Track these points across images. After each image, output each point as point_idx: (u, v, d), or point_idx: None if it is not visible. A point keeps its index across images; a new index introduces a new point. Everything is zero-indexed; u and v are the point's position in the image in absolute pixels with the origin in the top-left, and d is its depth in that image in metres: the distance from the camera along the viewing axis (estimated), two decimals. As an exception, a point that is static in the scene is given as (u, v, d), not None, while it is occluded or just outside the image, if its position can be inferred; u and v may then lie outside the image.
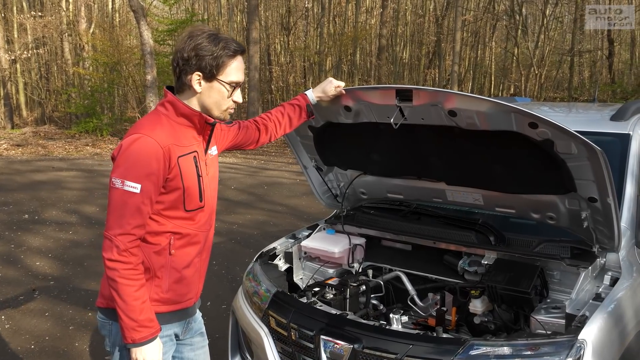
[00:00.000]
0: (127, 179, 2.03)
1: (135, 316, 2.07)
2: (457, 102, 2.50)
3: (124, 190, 2.04)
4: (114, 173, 2.07)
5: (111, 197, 2.07)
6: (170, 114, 2.18)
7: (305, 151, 3.38)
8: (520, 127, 2.45)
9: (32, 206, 9.42)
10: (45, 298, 5.60)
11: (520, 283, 2.65)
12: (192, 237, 2.27)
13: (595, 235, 2.73)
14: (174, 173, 2.13)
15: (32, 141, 18.23)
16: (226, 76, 2.17)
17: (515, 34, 22.03)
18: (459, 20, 20.46)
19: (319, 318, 2.67)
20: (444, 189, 3.12)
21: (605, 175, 2.37)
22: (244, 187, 10.83)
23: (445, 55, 25.56)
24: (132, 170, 2.04)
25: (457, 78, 21.47)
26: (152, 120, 2.16)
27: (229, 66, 2.17)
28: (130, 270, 2.06)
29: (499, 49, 28.16)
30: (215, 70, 2.14)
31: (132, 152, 2.06)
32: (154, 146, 2.06)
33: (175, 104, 2.17)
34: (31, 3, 26.67)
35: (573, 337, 2.26)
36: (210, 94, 2.19)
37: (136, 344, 2.10)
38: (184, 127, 2.20)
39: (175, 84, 2.22)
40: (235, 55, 2.18)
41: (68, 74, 24.33)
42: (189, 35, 2.16)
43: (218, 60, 2.13)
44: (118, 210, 2.05)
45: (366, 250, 3.43)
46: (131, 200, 2.04)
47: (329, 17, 28.07)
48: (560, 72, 26.76)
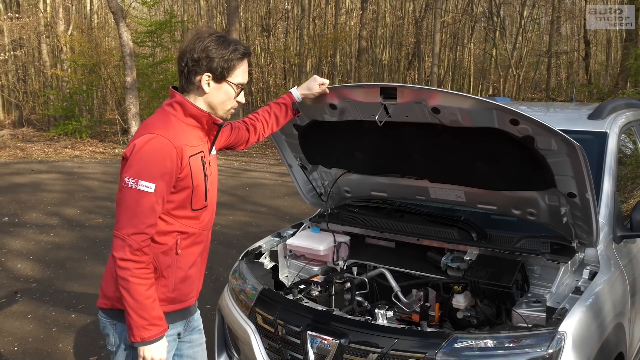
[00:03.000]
0: (142, 179, 2.05)
1: (146, 315, 2.09)
2: (441, 100, 2.54)
3: (138, 189, 2.05)
4: (127, 172, 2.08)
5: (123, 196, 2.08)
6: (179, 115, 2.22)
7: (290, 150, 3.41)
8: (502, 123, 2.50)
9: (11, 209, 9.31)
10: (27, 300, 5.56)
11: (501, 278, 2.71)
12: (197, 236, 2.30)
13: (574, 230, 2.79)
14: (185, 172, 2.16)
15: (10, 144, 18.00)
16: (235, 78, 2.25)
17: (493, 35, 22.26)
18: (437, 22, 20.61)
19: (305, 314, 2.69)
20: (427, 186, 3.17)
21: (583, 171, 2.44)
22: (226, 189, 10.81)
23: (425, 57, 25.75)
24: (146, 170, 2.06)
25: (436, 79, 21.61)
26: (163, 120, 2.20)
27: (238, 68, 2.24)
28: (142, 270, 2.08)
29: (478, 50, 28.44)
30: (225, 72, 2.21)
31: (146, 152, 2.08)
32: (168, 146, 2.10)
33: (184, 105, 2.22)
34: (7, 4, 26.28)
35: (554, 329, 2.32)
36: (217, 95, 2.25)
37: (145, 343, 2.12)
38: (191, 127, 2.24)
39: (182, 83, 2.26)
40: (244, 58, 2.26)
41: (46, 76, 24.03)
42: (198, 37, 2.21)
43: (229, 62, 2.20)
44: (131, 210, 2.07)
45: (351, 248, 3.46)
46: (145, 200, 2.06)
47: (308, 19, 28.11)
48: (538, 73, 27.10)
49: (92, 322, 5.00)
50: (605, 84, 22.11)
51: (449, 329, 2.91)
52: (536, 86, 27.96)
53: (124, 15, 16.58)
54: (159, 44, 20.76)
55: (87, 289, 5.81)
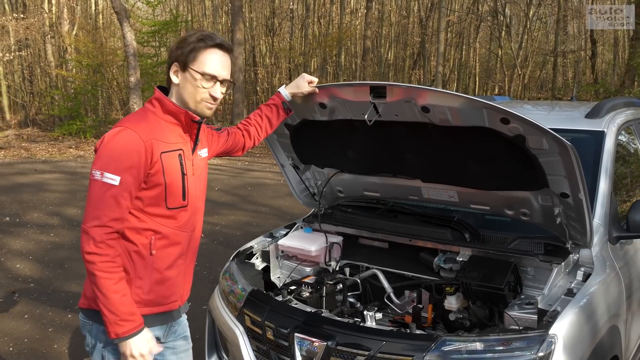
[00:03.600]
0: (107, 171, 2.03)
1: (115, 309, 2.05)
2: (430, 98, 2.50)
3: (103, 182, 2.03)
4: (95, 165, 2.06)
5: (90, 189, 2.06)
6: (157, 111, 2.20)
7: (282, 149, 3.38)
8: (493, 122, 2.46)
9: (13, 209, 9.32)
10: (25, 300, 5.54)
11: (493, 279, 2.66)
12: (173, 236, 2.24)
13: (568, 231, 2.74)
14: (156, 168, 2.12)
15: (14, 144, 18.04)
16: (199, 66, 2.17)
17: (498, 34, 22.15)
18: (443, 21, 20.54)
19: (293, 316, 2.66)
20: (420, 186, 3.13)
21: (576, 171, 2.39)
22: (228, 188, 10.80)
23: (430, 56, 25.66)
24: (112, 163, 2.04)
25: (441, 79, 21.54)
26: (138, 116, 2.20)
27: (202, 55, 2.18)
28: (107, 263, 2.04)
29: (483, 49, 28.32)
30: (188, 60, 2.17)
31: (113, 145, 2.06)
32: (135, 139, 2.07)
33: (162, 101, 2.20)
34: (13, 5, 26.39)
35: (544, 332, 2.27)
36: (184, 86, 2.20)
37: (121, 338, 2.09)
38: (170, 124, 2.21)
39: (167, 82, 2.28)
40: (210, 47, 2.19)
41: (51, 77, 24.11)
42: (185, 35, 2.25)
43: (192, 50, 2.16)
44: (95, 202, 2.04)
45: (343, 248, 3.42)
46: (109, 192, 2.03)
47: (313, 19, 28.07)
48: (544, 73, 26.96)
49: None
50: (612, 83, 21.96)
51: (442, 330, 2.88)
52: (542, 85, 27.81)
53: (128, 15, 16.60)
54: (164, 44, 20.77)
55: (85, 289, 5.78)
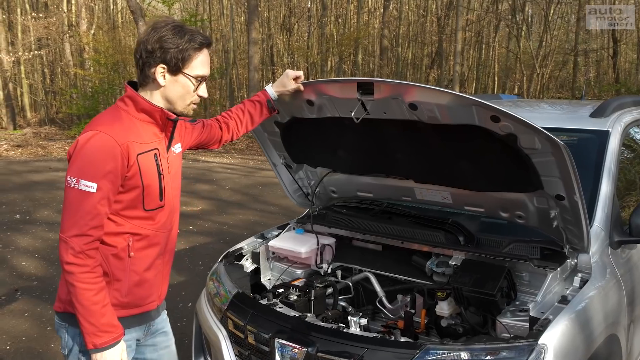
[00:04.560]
0: (83, 178, 1.94)
1: (95, 321, 2.00)
2: (417, 95, 2.40)
3: (80, 189, 1.94)
4: (70, 172, 1.97)
5: (66, 197, 1.98)
6: (130, 110, 2.10)
7: (273, 148, 3.29)
8: (483, 120, 2.34)
9: (24, 206, 9.37)
10: (26, 298, 5.54)
11: (485, 285, 2.55)
12: (152, 238, 2.18)
13: (565, 235, 2.62)
14: (133, 171, 2.04)
15: (32, 142, 18.24)
16: (192, 70, 2.10)
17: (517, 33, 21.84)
18: (460, 20, 20.31)
19: (276, 320, 2.57)
20: (413, 186, 3.02)
21: (570, 172, 2.27)
22: (239, 188, 10.75)
23: (448, 56, 25.40)
24: (88, 169, 1.95)
25: (458, 78, 21.31)
26: (111, 116, 2.08)
27: (195, 59, 2.09)
28: (87, 274, 1.97)
29: (503, 49, 27.98)
30: (180, 64, 2.07)
31: (87, 150, 1.97)
32: (110, 143, 1.97)
33: (135, 99, 2.09)
34: (34, 5, 26.71)
35: (533, 342, 2.16)
36: (174, 88, 2.11)
37: (98, 349, 2.03)
38: (144, 123, 2.11)
39: (138, 77, 2.13)
40: (202, 48, 2.11)
41: (70, 75, 24.34)
42: (153, 27, 2.08)
43: (184, 53, 2.06)
44: (73, 211, 1.96)
45: (336, 250, 3.32)
46: (87, 201, 1.95)
47: (330, 18, 27.97)
48: (565, 72, 26.55)
49: (86, 321, 4.95)
50: (635, 83, 21.52)
51: (435, 337, 2.78)
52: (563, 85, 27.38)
53: (143, 14, 16.65)
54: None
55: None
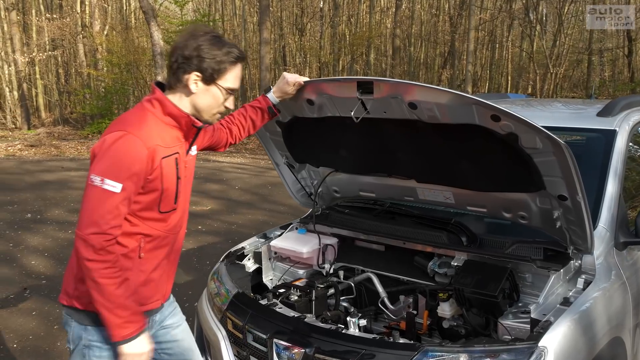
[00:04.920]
0: (108, 177, 1.96)
1: (120, 313, 2.03)
2: (417, 94, 2.37)
3: (103, 188, 1.96)
4: (94, 170, 1.99)
5: (88, 194, 2.00)
6: (157, 112, 2.12)
7: (275, 147, 3.28)
8: (483, 120, 2.32)
9: (36, 205, 9.43)
10: (35, 297, 5.56)
11: (487, 286, 2.52)
12: (162, 239, 2.22)
13: (569, 236, 2.58)
14: (156, 174, 2.07)
15: (45, 142, 18.38)
16: (225, 82, 2.15)
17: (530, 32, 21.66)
18: (473, 19, 20.19)
19: (275, 321, 2.56)
20: (415, 186, 3.00)
21: (572, 172, 2.23)
22: (249, 187, 10.75)
23: (461, 55, 25.27)
24: (113, 169, 1.97)
25: (471, 78, 21.18)
26: (139, 117, 2.11)
27: (229, 72, 2.15)
28: (109, 269, 1.99)
29: (516, 48, 27.77)
30: (215, 75, 2.12)
31: (115, 150, 1.99)
32: (139, 146, 2.00)
33: (163, 103, 2.12)
34: (48, 6, 26.93)
35: (533, 344, 2.13)
36: (204, 97, 2.15)
37: (125, 341, 2.06)
38: (169, 126, 2.14)
39: (169, 79, 2.17)
40: (237, 62, 2.17)
41: (83, 76, 24.51)
42: (192, 34, 2.13)
43: (220, 65, 2.11)
44: (93, 209, 1.98)
45: (339, 250, 3.30)
46: (110, 200, 1.97)
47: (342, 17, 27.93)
48: (579, 71, 26.31)
49: (93, 320, 4.97)
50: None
51: (437, 338, 2.75)
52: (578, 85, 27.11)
53: (155, 14, 16.73)
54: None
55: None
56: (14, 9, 22.66)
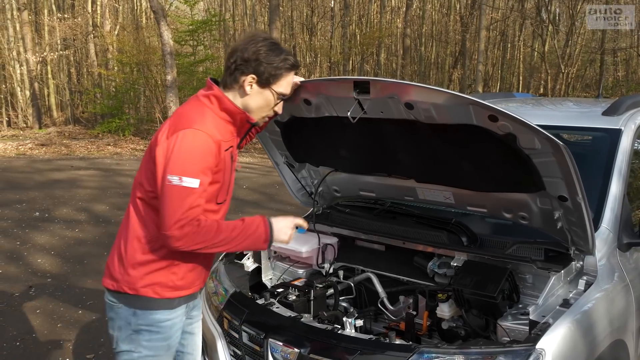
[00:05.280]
0: (186, 175, 2.05)
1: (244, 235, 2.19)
2: (413, 94, 2.34)
3: (183, 186, 2.04)
4: (171, 170, 2.06)
5: (168, 194, 2.07)
6: (214, 108, 2.22)
7: (275, 147, 3.25)
8: (481, 120, 2.28)
9: (44, 204, 9.48)
10: (39, 295, 5.59)
11: (486, 287, 2.47)
12: None
13: (570, 236, 2.54)
14: (220, 166, 2.18)
15: (56, 141, 18.48)
16: (278, 87, 2.28)
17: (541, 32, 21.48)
18: (484, 19, 20.07)
19: (270, 320, 2.54)
20: (415, 186, 2.96)
21: (571, 172, 2.19)
22: (256, 187, 10.76)
23: (472, 55, 25.13)
24: (190, 166, 2.06)
25: (482, 77, 21.06)
26: (200, 113, 2.19)
27: (283, 78, 2.28)
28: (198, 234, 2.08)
29: (528, 48, 27.58)
30: (271, 79, 2.24)
31: (187, 148, 2.07)
32: (208, 140, 2.10)
33: (221, 100, 2.22)
34: (60, 6, 27.09)
35: (531, 346, 2.09)
36: (257, 99, 2.27)
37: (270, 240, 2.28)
38: (223, 121, 2.24)
39: (225, 78, 2.27)
40: (292, 69, 2.31)
41: (94, 75, 24.64)
42: (252, 39, 2.24)
43: (277, 70, 2.23)
44: (176, 208, 2.05)
45: (339, 250, 3.27)
46: (190, 196, 2.06)
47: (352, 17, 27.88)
48: (592, 71, 26.08)
49: (96, 319, 4.98)
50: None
51: (437, 339, 2.72)
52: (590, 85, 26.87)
53: (165, 14, 16.77)
54: (200, 43, 20.92)
55: (100, 285, 5.73)
56: (26, 8, 22.82)
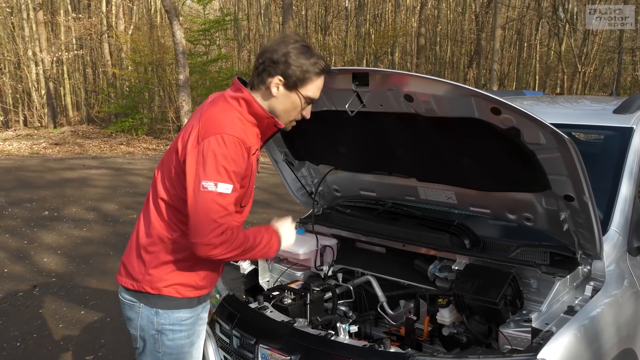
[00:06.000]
0: (221, 181, 2.00)
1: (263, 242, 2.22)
2: (412, 85, 2.23)
3: (218, 192, 1.99)
4: (205, 176, 2.00)
5: (203, 201, 2.00)
6: (243, 111, 2.15)
7: (274, 143, 3.15)
8: (483, 113, 2.16)
9: (54, 203, 9.48)
10: (43, 295, 5.55)
11: (488, 292, 2.35)
12: None
13: (577, 239, 2.41)
14: (248, 171, 2.14)
15: (69, 140, 18.57)
16: (306, 90, 2.17)
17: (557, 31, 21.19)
18: (499, 17, 19.83)
19: (263, 325, 2.44)
20: (416, 185, 2.85)
21: (578, 170, 2.07)
22: (267, 186, 10.68)
23: (487, 54, 24.85)
24: (223, 172, 2.01)
25: (497, 77, 20.81)
26: (230, 117, 2.12)
27: (312, 82, 2.16)
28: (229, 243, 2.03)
29: (544, 47, 27.23)
30: (299, 82, 2.14)
31: (222, 153, 2.02)
32: (239, 146, 2.05)
33: (250, 104, 2.15)
34: (76, 6, 27.25)
35: (532, 356, 1.97)
36: (284, 102, 2.17)
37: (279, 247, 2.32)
38: (250, 124, 2.17)
39: (253, 80, 2.20)
40: (322, 74, 2.19)
41: (108, 75, 24.74)
42: (283, 40, 2.17)
43: (305, 74, 2.13)
44: (213, 214, 1.99)
45: (339, 252, 3.17)
46: (225, 202, 2.01)
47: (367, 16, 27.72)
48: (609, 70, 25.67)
49: (98, 319, 4.92)
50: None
51: (439, 346, 2.61)
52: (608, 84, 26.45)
53: (177, 13, 16.76)
54: (213, 42, 20.90)
55: (104, 285, 5.76)
56: (41, 8, 22.96)
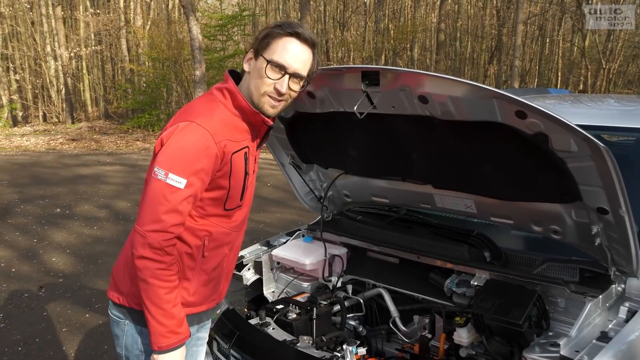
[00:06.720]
0: (173, 172, 1.82)
1: (165, 321, 1.88)
2: (427, 86, 2.02)
3: (167, 183, 1.81)
4: (159, 162, 1.83)
5: (150, 188, 1.84)
6: (227, 104, 1.98)
7: (280, 146, 2.96)
8: (506, 117, 1.94)
9: (66, 200, 9.38)
10: (49, 296, 5.42)
11: (511, 312, 2.12)
12: (224, 237, 2.08)
13: (610, 255, 2.17)
14: (224, 171, 1.94)
15: (86, 136, 18.56)
16: (270, 53, 1.93)
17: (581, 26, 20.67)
18: (521, 13, 19.40)
19: (262, 345, 2.24)
20: (432, 192, 2.63)
21: (614, 181, 1.84)
22: (281, 185, 10.48)
23: (508, 51, 24.39)
24: (179, 163, 1.83)
25: (518, 73, 20.38)
26: (208, 108, 1.95)
27: (275, 43, 1.93)
28: (163, 271, 1.84)
29: (567, 43, 26.68)
30: (261, 48, 1.94)
31: (182, 142, 1.85)
32: (207, 140, 1.86)
33: (234, 95, 1.97)
34: (94, 2, 27.29)
35: (561, 391, 1.74)
36: (253, 74, 1.97)
37: (162, 351, 1.91)
38: (238, 118, 1.99)
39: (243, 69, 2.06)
40: (286, 34, 1.94)
41: (125, 71, 24.73)
42: None
43: (267, 36, 1.94)
44: (156, 205, 1.82)
45: (349, 262, 2.96)
46: (173, 196, 1.82)
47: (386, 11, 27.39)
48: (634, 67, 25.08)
49: (102, 323, 4.77)
50: None
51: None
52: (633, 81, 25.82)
53: (194, 9, 16.61)
54: (230, 38, 20.72)
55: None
56: (59, 4, 23.00)
